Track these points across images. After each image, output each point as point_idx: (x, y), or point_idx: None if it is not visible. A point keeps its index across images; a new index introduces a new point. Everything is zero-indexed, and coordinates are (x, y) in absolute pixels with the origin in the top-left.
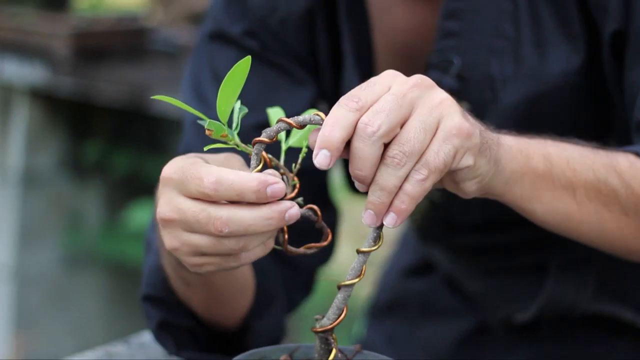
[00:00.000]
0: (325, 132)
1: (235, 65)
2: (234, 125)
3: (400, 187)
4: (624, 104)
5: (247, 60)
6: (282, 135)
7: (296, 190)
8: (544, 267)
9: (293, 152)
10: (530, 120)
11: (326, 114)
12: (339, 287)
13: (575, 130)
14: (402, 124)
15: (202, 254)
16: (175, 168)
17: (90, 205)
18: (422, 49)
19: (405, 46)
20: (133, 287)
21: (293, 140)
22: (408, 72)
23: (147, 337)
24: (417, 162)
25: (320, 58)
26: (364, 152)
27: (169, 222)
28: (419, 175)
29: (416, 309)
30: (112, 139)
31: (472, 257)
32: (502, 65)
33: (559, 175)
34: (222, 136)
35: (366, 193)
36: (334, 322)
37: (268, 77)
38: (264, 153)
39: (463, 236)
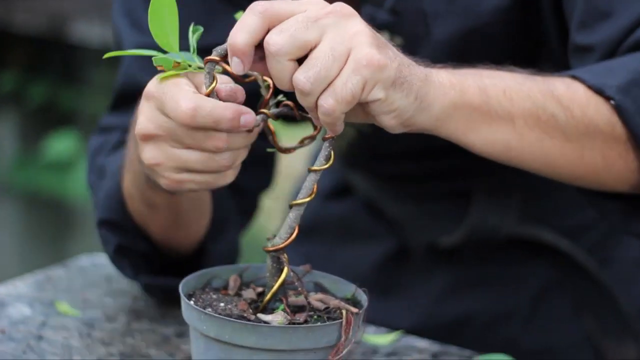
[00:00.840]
0: (232, 38)
1: (151, 5)
2: (191, 49)
3: (312, 109)
4: (560, 32)
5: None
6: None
7: (271, 90)
8: (469, 192)
9: None
10: (463, 55)
11: None
12: (291, 206)
13: (508, 64)
14: (311, 48)
15: (189, 170)
16: (157, 85)
17: (5, 136)
18: None
19: None
20: (48, 217)
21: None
22: (351, 5)
23: (85, 260)
24: (324, 91)
25: None
26: (274, 70)
27: (153, 137)
28: (326, 103)
29: (335, 232)
30: (27, 69)
31: (398, 183)
32: (435, 1)
33: (495, 107)
34: (174, 67)
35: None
36: (286, 240)
37: (206, 2)
38: (223, 64)
39: (389, 164)
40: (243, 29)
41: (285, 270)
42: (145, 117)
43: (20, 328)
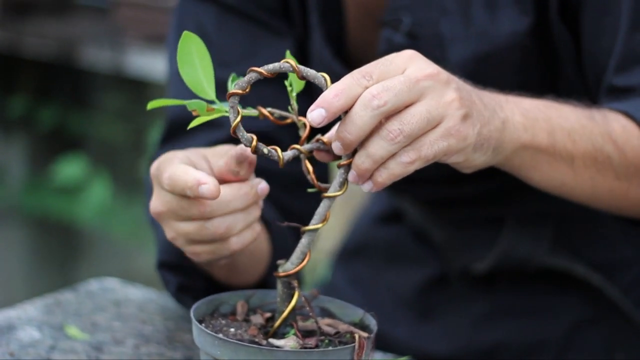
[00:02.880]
0: (330, 96)
1: (180, 44)
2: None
3: (385, 161)
4: (577, 65)
5: (187, 36)
6: (289, 86)
7: (308, 129)
8: (503, 219)
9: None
10: (478, 79)
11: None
12: (303, 232)
13: (523, 91)
14: (407, 106)
15: (194, 241)
16: (156, 164)
17: (15, 160)
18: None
19: (372, 3)
20: (56, 241)
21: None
22: (373, 30)
23: (94, 284)
24: (409, 145)
25: (292, 15)
26: (363, 121)
27: (161, 215)
28: (407, 157)
29: (383, 254)
30: (37, 93)
31: (436, 208)
32: (452, 25)
33: (560, 149)
34: (208, 111)
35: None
36: (297, 266)
37: (249, 31)
38: (260, 108)
39: (428, 188)
40: (344, 93)
41: (297, 295)
42: (154, 196)
43: (29, 351)
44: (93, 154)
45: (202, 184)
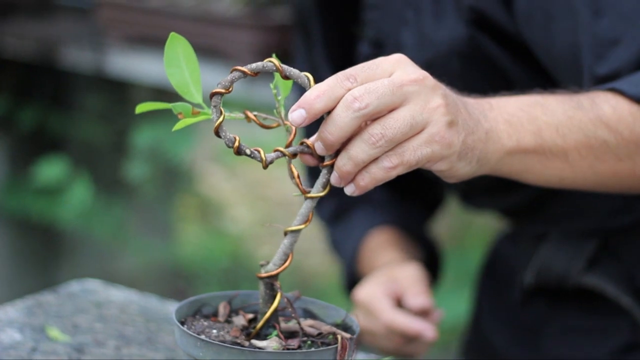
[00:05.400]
0: (311, 97)
1: (167, 45)
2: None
3: (367, 165)
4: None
5: (174, 38)
6: (275, 89)
7: (294, 133)
8: (544, 235)
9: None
10: None
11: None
12: (286, 233)
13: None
14: (390, 110)
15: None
16: (363, 296)
17: None
18: None
19: None
20: (37, 242)
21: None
22: None
23: (75, 286)
24: (391, 150)
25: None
26: (343, 122)
27: (368, 332)
28: (389, 162)
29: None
30: (18, 94)
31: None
32: (409, 34)
33: (550, 147)
34: (194, 114)
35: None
36: (280, 267)
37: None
38: (247, 111)
39: (476, 198)
40: (325, 94)
41: (279, 296)
42: (361, 318)
43: (10, 353)
44: (74, 155)
45: (425, 333)
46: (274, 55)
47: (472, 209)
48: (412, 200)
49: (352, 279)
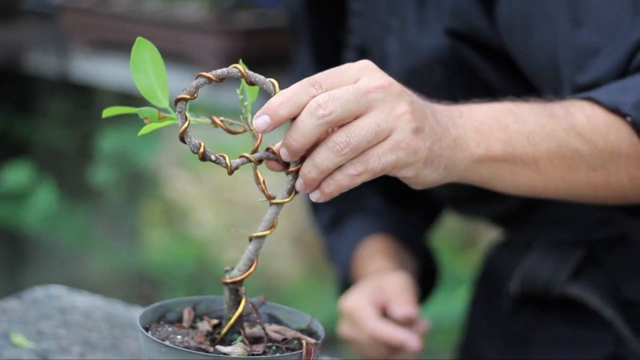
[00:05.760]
0: (275, 103)
1: (133, 50)
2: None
3: (332, 172)
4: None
5: (141, 43)
6: (242, 94)
7: (260, 139)
8: (530, 243)
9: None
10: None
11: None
12: (251, 239)
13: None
14: (355, 117)
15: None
16: (349, 305)
17: None
18: None
19: None
20: (2, 248)
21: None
22: None
23: (39, 292)
24: (356, 157)
25: None
26: (307, 129)
27: (351, 340)
28: (353, 170)
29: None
30: None
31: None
32: (394, 41)
33: (520, 155)
34: (159, 118)
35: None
36: (245, 273)
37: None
38: (213, 117)
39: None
40: (290, 101)
41: (243, 302)
42: (346, 327)
43: None
44: (39, 160)
45: (408, 343)
46: (240, 61)
47: (463, 217)
48: (409, 209)
49: (346, 287)
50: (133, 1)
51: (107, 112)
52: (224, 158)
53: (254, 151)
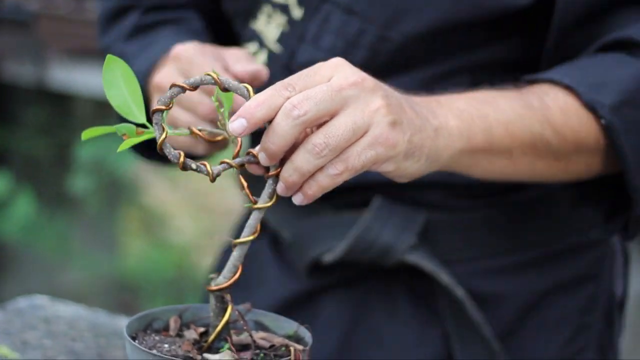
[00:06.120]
0: (251, 106)
1: (104, 68)
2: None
3: (313, 174)
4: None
5: (111, 60)
6: (216, 101)
7: (239, 144)
8: (365, 203)
9: None
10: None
11: None
12: (234, 245)
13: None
14: (331, 116)
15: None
16: (180, 50)
17: None
18: None
19: None
20: None
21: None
22: None
23: (23, 302)
24: (336, 157)
25: None
26: (283, 130)
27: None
28: (334, 170)
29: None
30: None
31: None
32: None
33: (498, 145)
34: (138, 133)
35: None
36: (230, 280)
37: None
38: (191, 127)
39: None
40: (265, 104)
41: (230, 309)
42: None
43: None
44: (17, 168)
45: (260, 73)
46: (213, 69)
47: None
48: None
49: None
50: None
51: (86, 135)
52: (205, 166)
53: (235, 157)
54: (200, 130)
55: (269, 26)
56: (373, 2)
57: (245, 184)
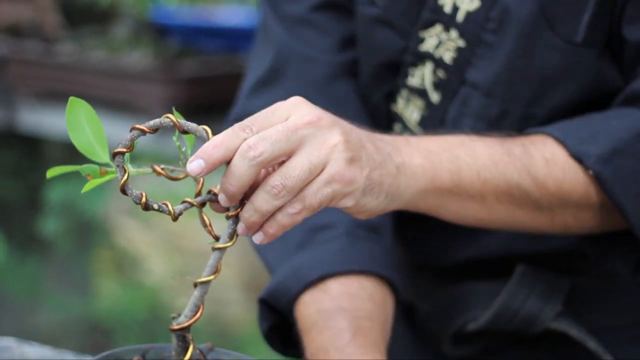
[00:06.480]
0: (209, 147)
1: (67, 110)
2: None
3: (273, 213)
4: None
5: (73, 102)
6: (177, 141)
7: (202, 182)
8: (509, 270)
9: None
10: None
11: None
12: (196, 285)
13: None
14: (288, 155)
15: None
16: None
17: None
18: None
19: None
20: None
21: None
22: None
23: (6, 342)
24: (294, 196)
25: None
26: (241, 171)
27: None
28: (293, 209)
29: None
30: None
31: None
32: None
33: (467, 188)
34: (101, 174)
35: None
36: (191, 319)
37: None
38: (154, 166)
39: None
40: (223, 145)
41: (191, 348)
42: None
43: None
44: None
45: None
46: (173, 110)
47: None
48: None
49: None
50: (77, 51)
51: (51, 173)
52: (167, 205)
53: (197, 195)
54: (162, 168)
55: (408, 109)
56: (512, 82)
57: (207, 221)
